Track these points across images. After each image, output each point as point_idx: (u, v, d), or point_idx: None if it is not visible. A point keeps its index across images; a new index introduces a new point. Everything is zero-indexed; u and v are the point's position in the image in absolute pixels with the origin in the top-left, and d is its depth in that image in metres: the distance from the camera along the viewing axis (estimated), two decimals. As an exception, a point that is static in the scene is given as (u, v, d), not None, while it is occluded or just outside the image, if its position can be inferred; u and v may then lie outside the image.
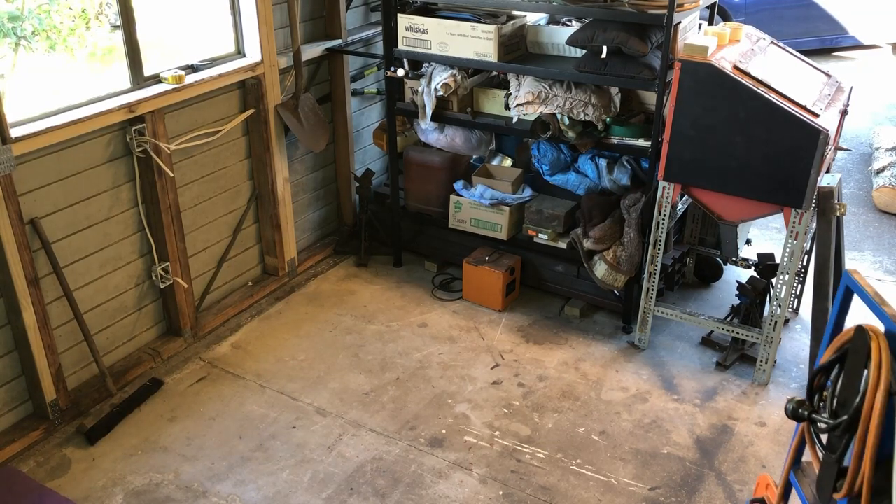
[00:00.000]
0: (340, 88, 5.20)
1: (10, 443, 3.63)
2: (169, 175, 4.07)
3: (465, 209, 4.90)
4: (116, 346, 4.19)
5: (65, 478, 3.57)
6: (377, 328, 4.66)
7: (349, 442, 3.78)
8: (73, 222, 3.79)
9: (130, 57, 3.90)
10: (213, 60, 4.34)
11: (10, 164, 3.31)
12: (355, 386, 4.18)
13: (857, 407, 1.60)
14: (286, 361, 4.37)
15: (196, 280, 4.54)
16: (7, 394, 3.69)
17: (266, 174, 4.75)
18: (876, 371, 1.54)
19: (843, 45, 10.16)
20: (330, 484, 3.54)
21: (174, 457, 3.69)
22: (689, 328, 4.60)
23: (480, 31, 4.34)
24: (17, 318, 3.56)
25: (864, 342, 1.62)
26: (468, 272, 4.84)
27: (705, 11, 4.86)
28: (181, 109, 4.18)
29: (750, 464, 3.63)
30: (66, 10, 4.09)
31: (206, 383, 4.20)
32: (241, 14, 4.42)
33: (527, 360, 4.38)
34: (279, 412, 3.98)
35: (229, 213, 4.69)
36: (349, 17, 5.18)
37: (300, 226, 5.26)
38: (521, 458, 3.69)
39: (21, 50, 3.91)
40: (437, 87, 4.57)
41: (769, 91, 3.70)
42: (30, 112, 3.52)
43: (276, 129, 4.69)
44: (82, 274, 3.90)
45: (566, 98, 4.26)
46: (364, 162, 5.70)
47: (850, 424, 1.60)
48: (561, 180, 4.70)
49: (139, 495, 3.47)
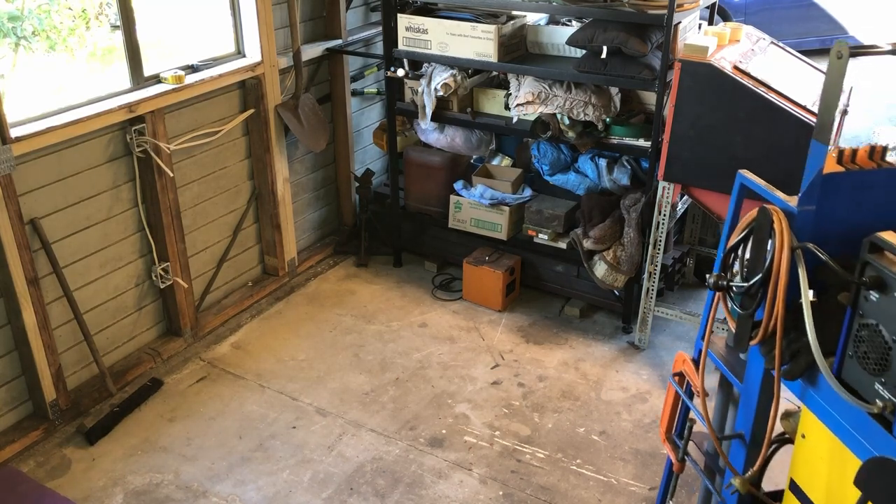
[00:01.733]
0: (340, 88, 5.20)
1: (10, 443, 3.63)
2: (169, 175, 4.07)
3: (465, 209, 4.90)
4: (116, 346, 4.19)
5: (65, 478, 3.57)
6: (377, 328, 4.66)
7: (349, 442, 3.78)
8: (73, 222, 3.79)
9: (130, 57, 3.90)
10: (213, 60, 4.34)
11: (10, 164, 3.31)
12: (355, 386, 4.18)
13: (768, 266, 2.03)
14: (286, 361, 4.37)
15: (196, 280, 4.54)
16: (7, 394, 3.69)
17: (266, 174, 4.75)
18: (780, 235, 2.02)
19: (843, 46, 10.15)
20: (330, 484, 3.54)
21: (174, 457, 3.69)
22: (689, 328, 4.60)
23: (480, 31, 4.34)
24: (17, 318, 3.56)
25: (767, 217, 2.07)
26: (468, 272, 4.84)
27: (705, 11, 4.85)
28: (181, 109, 4.18)
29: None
30: (66, 10, 4.09)
31: (206, 383, 4.20)
32: (241, 14, 4.42)
33: (527, 360, 4.38)
34: (279, 412, 3.98)
35: (229, 213, 4.69)
36: (349, 17, 5.18)
37: (300, 226, 5.26)
38: (521, 458, 3.69)
39: (21, 50, 3.91)
40: (437, 87, 4.57)
41: (769, 91, 3.69)
42: (30, 112, 3.52)
43: (276, 129, 4.69)
44: (82, 274, 3.90)
45: (566, 98, 4.26)
46: (364, 162, 5.70)
47: (764, 281, 2.04)
48: (561, 180, 4.70)
49: (139, 495, 3.47)
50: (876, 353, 1.80)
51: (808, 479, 2.08)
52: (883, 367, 1.78)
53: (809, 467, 2.07)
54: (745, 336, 2.15)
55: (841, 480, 1.94)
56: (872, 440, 1.81)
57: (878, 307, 1.79)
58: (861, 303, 1.84)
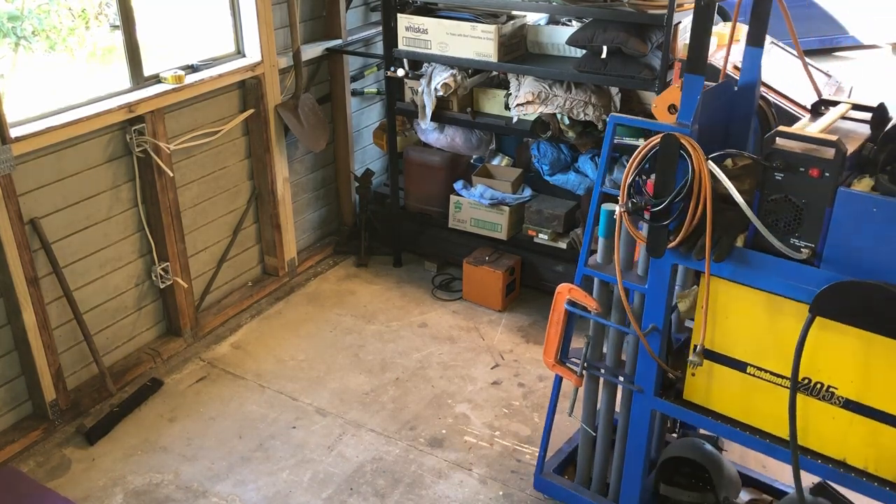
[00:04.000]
0: (340, 88, 5.20)
1: (10, 443, 3.63)
2: (169, 175, 4.07)
3: (465, 209, 4.90)
4: (116, 346, 4.19)
5: (65, 478, 3.57)
6: (377, 328, 4.66)
7: (349, 442, 3.78)
8: (72, 222, 3.79)
9: (130, 57, 3.89)
10: (212, 60, 4.34)
11: (10, 164, 3.31)
12: (355, 386, 4.18)
13: (689, 181, 2.45)
14: (286, 361, 4.37)
15: (196, 280, 4.54)
16: (7, 394, 3.69)
17: (266, 174, 4.75)
18: (693, 150, 2.46)
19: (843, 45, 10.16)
20: (330, 484, 3.54)
21: (174, 457, 3.69)
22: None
23: (480, 31, 4.34)
24: (17, 318, 3.56)
25: (674, 141, 2.48)
26: (468, 272, 4.84)
27: (705, 11, 4.85)
28: (181, 109, 4.18)
29: (749, 454, 3.63)
30: (66, 10, 4.09)
31: (206, 383, 4.20)
32: (241, 14, 4.42)
33: (527, 360, 4.37)
34: (279, 412, 3.98)
35: (229, 213, 4.69)
36: (349, 17, 5.18)
37: (300, 226, 5.26)
38: (521, 458, 3.69)
39: (21, 50, 3.91)
40: (437, 87, 4.57)
41: (769, 91, 3.70)
42: (30, 112, 3.52)
43: (276, 129, 4.69)
44: (82, 274, 3.90)
45: (566, 98, 4.26)
46: (364, 162, 5.70)
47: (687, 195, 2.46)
48: (561, 180, 4.70)
49: (139, 495, 3.47)
50: (787, 217, 2.38)
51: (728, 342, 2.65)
52: (797, 225, 2.38)
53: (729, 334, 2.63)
54: (660, 244, 2.59)
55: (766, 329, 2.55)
56: (803, 279, 2.40)
57: (785, 183, 2.36)
58: (768, 183, 2.39)
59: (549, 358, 3.09)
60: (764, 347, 2.57)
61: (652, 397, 2.87)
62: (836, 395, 2.47)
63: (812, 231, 2.36)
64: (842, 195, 2.28)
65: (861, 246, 2.29)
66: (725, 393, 2.71)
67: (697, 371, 2.73)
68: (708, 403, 2.76)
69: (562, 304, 3.02)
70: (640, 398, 2.90)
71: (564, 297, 3.01)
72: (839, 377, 2.45)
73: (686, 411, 2.81)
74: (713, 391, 2.74)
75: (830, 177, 2.28)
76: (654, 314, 2.76)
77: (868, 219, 2.25)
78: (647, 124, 2.71)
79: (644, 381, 2.86)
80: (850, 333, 2.37)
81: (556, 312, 3.04)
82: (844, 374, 2.44)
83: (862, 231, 2.28)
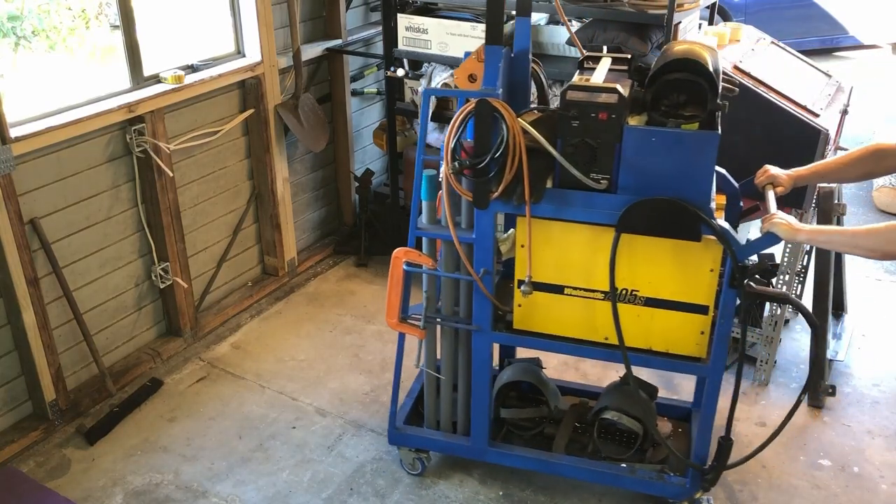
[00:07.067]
0: (340, 88, 5.20)
1: (10, 443, 3.63)
2: (169, 175, 4.07)
3: (464, 209, 4.89)
4: (116, 346, 4.19)
5: (64, 478, 3.56)
6: (377, 328, 4.66)
7: (349, 442, 3.78)
8: (72, 222, 3.79)
9: (130, 57, 3.89)
10: (212, 60, 4.34)
11: (9, 164, 3.31)
12: (355, 386, 4.17)
13: (506, 139, 2.73)
14: (286, 361, 4.37)
15: (196, 280, 4.54)
16: (7, 394, 3.69)
17: (266, 174, 4.75)
18: (507, 113, 2.74)
19: (843, 45, 10.17)
20: (330, 484, 3.54)
21: (174, 457, 3.69)
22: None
23: (480, 31, 4.34)
24: (17, 318, 3.56)
25: (488, 106, 2.73)
26: (468, 272, 4.84)
27: (705, 11, 4.85)
28: (181, 109, 4.18)
29: (750, 464, 3.62)
30: (66, 10, 4.09)
31: (206, 383, 4.19)
32: (240, 14, 4.42)
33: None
34: (279, 412, 3.98)
35: (229, 213, 4.69)
36: (349, 17, 5.18)
37: (300, 226, 5.26)
38: (521, 458, 3.69)
39: (21, 50, 3.91)
40: (437, 87, 4.57)
41: (769, 91, 3.69)
42: (30, 112, 3.52)
43: (276, 129, 4.69)
44: (82, 274, 3.90)
45: (566, 98, 4.25)
46: (364, 162, 5.70)
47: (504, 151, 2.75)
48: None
49: (139, 495, 3.47)
50: (586, 156, 2.71)
51: (546, 271, 3.00)
52: (594, 162, 2.73)
53: (546, 264, 2.99)
54: (484, 196, 2.87)
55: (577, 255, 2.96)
56: (605, 205, 2.78)
57: (580, 128, 2.69)
58: (567, 130, 2.71)
59: (393, 319, 3.26)
60: (576, 270, 2.98)
61: (490, 332, 3.16)
62: (639, 296, 2.94)
63: (606, 164, 2.73)
64: (627, 132, 2.67)
65: (646, 170, 2.70)
66: (549, 316, 3.09)
67: (523, 302, 3.08)
68: (535, 327, 3.14)
69: (399, 268, 3.18)
70: (479, 336, 3.18)
71: (401, 261, 3.18)
72: (640, 282, 2.92)
73: (520, 338, 3.19)
74: (536, 316, 3.11)
75: (616, 118, 2.65)
76: (485, 259, 3.03)
77: (649, 148, 2.67)
78: (459, 93, 3.00)
79: (481, 320, 3.14)
80: (642, 244, 2.84)
81: (394, 276, 3.21)
82: (643, 279, 2.91)
83: (646, 158, 2.68)
